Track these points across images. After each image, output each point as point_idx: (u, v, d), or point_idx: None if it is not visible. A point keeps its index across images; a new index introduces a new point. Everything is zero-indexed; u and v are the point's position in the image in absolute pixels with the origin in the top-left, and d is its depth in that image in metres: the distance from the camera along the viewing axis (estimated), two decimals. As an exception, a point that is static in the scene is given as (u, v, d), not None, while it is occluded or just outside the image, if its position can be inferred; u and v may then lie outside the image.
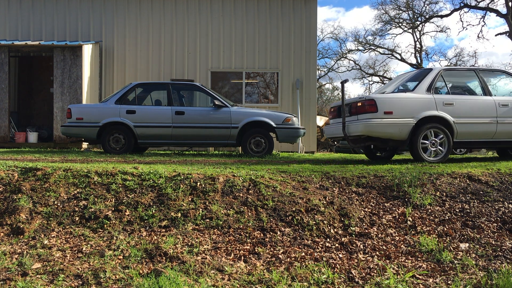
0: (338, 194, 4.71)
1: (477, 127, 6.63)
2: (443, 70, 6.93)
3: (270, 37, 12.55)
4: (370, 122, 6.39)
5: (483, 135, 6.70)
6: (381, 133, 6.46)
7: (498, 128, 6.66)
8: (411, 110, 6.43)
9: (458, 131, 6.53)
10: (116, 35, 12.45)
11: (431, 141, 6.47)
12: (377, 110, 6.37)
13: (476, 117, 6.61)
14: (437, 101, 6.52)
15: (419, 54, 30.55)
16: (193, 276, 3.23)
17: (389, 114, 6.38)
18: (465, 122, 6.56)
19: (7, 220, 4.03)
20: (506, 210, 4.56)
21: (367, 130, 6.43)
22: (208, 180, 4.67)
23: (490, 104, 6.70)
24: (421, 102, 6.49)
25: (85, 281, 3.10)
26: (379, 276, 3.38)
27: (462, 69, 7.57)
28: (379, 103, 6.39)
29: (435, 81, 6.70)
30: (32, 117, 12.75)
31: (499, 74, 7.50)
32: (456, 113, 6.53)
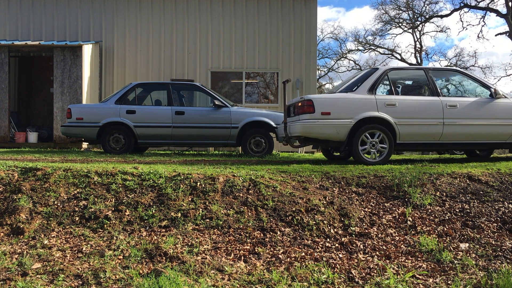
0: (338, 194, 4.71)
1: (421, 129, 6.42)
2: (389, 69, 6.76)
3: (270, 37, 12.55)
4: (307, 123, 6.32)
5: (429, 136, 6.49)
6: (318, 134, 6.37)
7: (444, 129, 6.46)
8: (349, 110, 6.31)
9: (400, 132, 6.36)
10: (116, 35, 12.45)
11: (371, 142, 6.32)
12: (315, 110, 6.27)
13: (420, 118, 6.42)
14: (379, 102, 6.36)
15: (419, 54, 30.56)
16: (193, 276, 3.23)
17: (326, 114, 6.28)
18: (408, 123, 6.38)
19: (7, 220, 4.03)
20: (506, 210, 4.56)
21: (304, 131, 6.37)
22: (208, 180, 4.68)
23: (436, 105, 6.48)
24: (360, 103, 6.35)
25: (85, 281, 3.10)
26: (379, 276, 3.38)
27: (411, 69, 7.42)
28: (317, 103, 6.30)
29: (379, 81, 6.56)
30: (32, 117, 12.76)
31: (454, 74, 7.36)
32: (398, 114, 6.36)
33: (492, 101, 6.61)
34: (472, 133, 6.55)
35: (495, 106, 6.58)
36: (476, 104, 6.58)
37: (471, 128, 6.53)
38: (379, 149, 6.35)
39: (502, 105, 6.60)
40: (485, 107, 6.57)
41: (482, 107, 6.57)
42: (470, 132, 6.54)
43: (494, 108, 6.57)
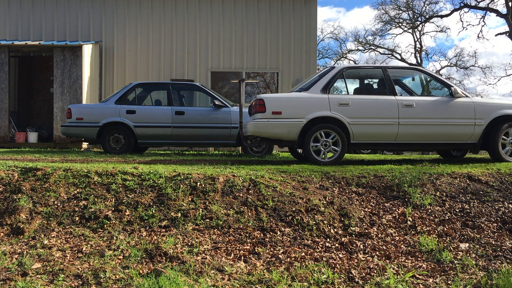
0: (338, 194, 4.71)
1: (375, 129, 6.29)
2: (345, 68, 6.66)
3: (270, 37, 12.55)
4: (258, 122, 6.30)
5: (384, 136, 6.35)
6: (269, 133, 6.33)
7: (400, 129, 6.30)
8: (301, 110, 6.24)
9: (354, 132, 6.25)
10: (116, 35, 12.45)
11: (323, 142, 6.23)
12: (265, 110, 6.25)
13: (375, 118, 6.29)
14: (331, 101, 6.27)
15: (419, 54, 30.56)
16: (193, 276, 3.23)
17: (277, 114, 6.23)
18: (362, 123, 6.26)
19: (7, 220, 4.03)
20: (506, 210, 4.56)
21: (255, 130, 6.35)
22: (208, 180, 4.68)
23: (391, 105, 6.32)
24: (312, 102, 6.28)
25: (85, 281, 3.10)
26: (379, 276, 3.38)
27: (368, 68, 7.27)
28: (267, 103, 6.26)
29: (333, 80, 6.47)
30: (32, 117, 12.76)
31: (414, 73, 7.18)
32: (352, 114, 6.24)
33: (451, 100, 6.44)
34: (429, 133, 6.40)
35: (454, 106, 6.41)
36: (433, 104, 6.43)
37: (428, 128, 6.37)
38: (331, 149, 6.27)
39: (461, 105, 6.42)
40: (443, 107, 6.41)
41: (440, 107, 6.41)
42: (427, 132, 6.39)
43: (453, 108, 6.41)
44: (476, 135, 6.42)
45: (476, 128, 6.38)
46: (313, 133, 6.21)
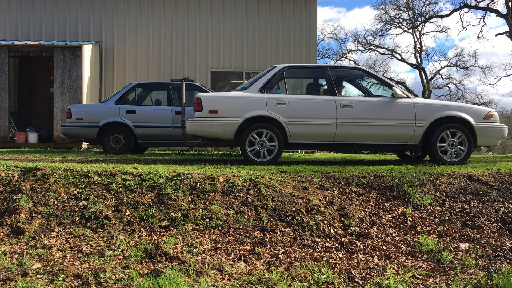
0: (338, 194, 4.71)
1: (313, 129, 6.24)
2: (286, 68, 6.60)
3: (270, 37, 12.55)
4: (195, 121, 6.33)
5: (322, 137, 6.30)
6: (206, 132, 6.35)
7: (338, 130, 6.23)
8: (237, 109, 6.24)
9: (291, 132, 6.21)
10: (116, 35, 12.45)
11: (259, 142, 6.21)
12: (202, 109, 6.27)
13: (312, 118, 6.23)
14: (269, 101, 6.24)
15: (419, 54, 30.56)
16: (193, 276, 3.23)
17: (214, 113, 6.25)
18: (299, 123, 6.22)
19: (7, 220, 4.03)
20: (506, 210, 4.56)
21: (192, 129, 6.37)
22: (208, 180, 4.68)
23: (329, 105, 6.25)
24: (249, 102, 6.27)
25: (85, 281, 3.10)
26: (379, 276, 3.38)
27: (309, 67, 7.14)
28: (204, 101, 6.28)
29: (273, 79, 6.44)
30: (32, 117, 12.75)
31: (356, 72, 7.08)
32: (289, 113, 6.21)
33: (391, 101, 6.35)
34: (368, 134, 6.31)
35: (394, 106, 6.31)
36: (373, 104, 6.35)
37: (367, 129, 6.29)
38: (268, 149, 6.24)
39: (401, 105, 6.32)
40: (383, 107, 6.31)
41: (380, 107, 6.32)
42: (366, 132, 6.31)
43: (393, 109, 6.31)
44: (416, 136, 6.31)
45: (416, 129, 6.29)
46: (249, 133, 6.20)
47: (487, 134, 6.38)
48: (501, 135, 6.46)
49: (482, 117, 6.40)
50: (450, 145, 6.33)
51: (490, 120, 6.43)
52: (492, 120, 6.45)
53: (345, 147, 6.52)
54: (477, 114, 6.41)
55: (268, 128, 6.20)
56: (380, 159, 8.16)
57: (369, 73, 6.85)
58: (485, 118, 6.41)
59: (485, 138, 6.39)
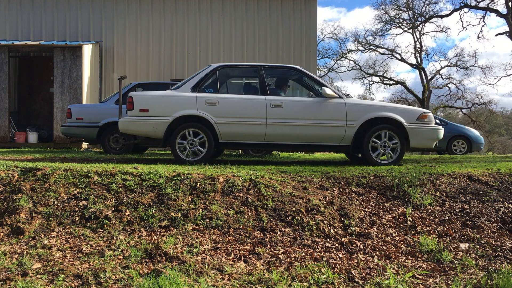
0: (338, 194, 4.71)
1: (243, 128, 6.21)
2: (219, 67, 6.57)
3: (270, 37, 12.55)
4: (126, 120, 6.37)
5: (252, 136, 6.25)
6: (136, 131, 6.40)
7: (268, 130, 6.18)
8: (167, 108, 6.26)
9: (221, 131, 6.19)
10: (116, 35, 12.45)
11: (189, 141, 6.20)
12: (133, 107, 6.30)
13: (242, 117, 6.21)
14: (199, 100, 6.24)
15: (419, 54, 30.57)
16: (193, 276, 3.23)
17: (144, 112, 6.28)
18: (229, 123, 6.20)
19: (7, 220, 4.03)
20: (506, 210, 4.56)
21: (123, 127, 6.41)
22: (208, 180, 4.68)
23: (260, 104, 6.20)
24: (179, 101, 6.28)
25: (85, 281, 3.10)
26: (379, 276, 3.38)
27: (243, 66, 7.05)
28: (135, 100, 6.32)
29: (205, 79, 6.45)
30: (32, 117, 12.75)
31: (290, 72, 6.97)
32: (219, 113, 6.20)
33: (323, 101, 6.27)
34: (299, 134, 6.25)
35: (325, 107, 6.24)
36: (304, 104, 6.28)
37: (297, 129, 6.22)
38: (198, 148, 6.23)
39: (333, 106, 6.24)
40: (314, 107, 6.26)
41: (311, 107, 6.26)
42: (297, 133, 6.24)
43: (324, 109, 6.24)
44: (347, 137, 6.23)
45: (347, 130, 6.21)
46: (179, 132, 6.21)
47: (420, 136, 6.24)
48: (435, 136, 6.31)
49: (415, 118, 6.26)
50: (382, 146, 6.24)
51: (424, 121, 6.29)
52: (426, 121, 6.31)
53: (276, 147, 6.47)
54: (410, 115, 6.28)
55: (198, 128, 6.21)
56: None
57: (303, 72, 6.72)
58: (418, 119, 6.27)
59: (418, 139, 6.24)
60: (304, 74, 6.71)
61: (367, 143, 6.21)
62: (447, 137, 12.09)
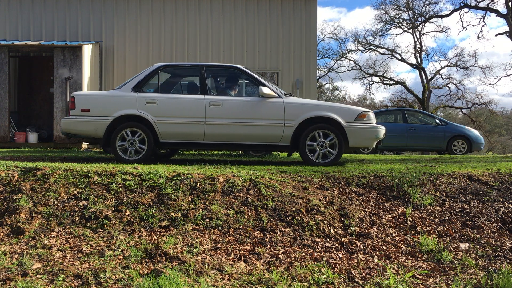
0: (338, 194, 4.71)
1: (182, 128, 6.24)
2: (162, 66, 6.61)
3: (270, 37, 12.54)
4: (67, 119, 6.45)
5: (191, 136, 6.28)
6: (77, 130, 6.46)
7: (207, 129, 6.21)
8: (107, 108, 6.31)
9: (161, 131, 6.22)
10: (116, 35, 12.45)
11: (129, 141, 6.21)
12: (75, 107, 6.37)
13: (181, 117, 6.24)
14: (139, 100, 6.27)
15: (419, 54, 30.56)
16: (193, 276, 3.23)
17: (85, 111, 6.35)
18: (168, 122, 6.22)
19: (7, 220, 4.03)
20: (506, 210, 4.56)
21: (65, 127, 6.47)
22: (208, 180, 4.68)
23: (199, 104, 6.23)
24: (120, 100, 6.33)
25: (85, 281, 3.10)
26: (379, 276, 3.38)
27: (185, 66, 7.12)
28: (77, 100, 6.40)
29: (147, 78, 6.47)
30: (32, 117, 12.74)
31: (233, 71, 6.91)
32: (158, 113, 6.23)
33: (262, 100, 6.24)
34: (238, 134, 6.24)
35: (264, 106, 6.22)
36: (242, 104, 6.31)
37: (236, 129, 6.22)
38: (137, 148, 6.24)
39: (271, 105, 6.21)
40: (252, 107, 6.24)
41: (249, 107, 6.25)
42: (235, 132, 6.24)
43: (262, 108, 6.22)
44: (286, 136, 6.20)
45: (286, 129, 6.18)
46: (119, 132, 6.25)
47: (359, 135, 6.17)
48: (374, 136, 6.23)
49: (354, 118, 6.19)
50: (319, 146, 6.18)
51: (363, 120, 6.22)
52: (366, 120, 6.24)
53: (216, 147, 6.50)
54: (349, 115, 6.21)
55: (139, 127, 6.25)
56: (380, 159, 8.16)
57: (244, 72, 6.67)
58: (357, 118, 6.20)
59: (357, 139, 6.17)
60: (245, 73, 6.67)
61: (304, 143, 6.17)
62: (447, 137, 12.09)
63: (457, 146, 12.10)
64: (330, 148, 6.18)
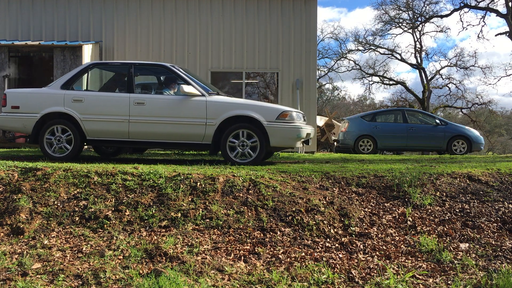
0: (338, 194, 4.71)
1: (107, 126, 6.30)
2: (91, 65, 6.71)
3: (270, 37, 12.54)
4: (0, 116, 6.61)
5: (116, 134, 6.33)
6: (8, 127, 6.70)
7: (131, 127, 6.27)
8: (36, 105, 6.42)
9: (87, 128, 6.31)
10: (116, 35, 12.45)
11: (56, 137, 6.34)
12: (6, 104, 6.52)
13: (106, 114, 6.31)
14: (66, 97, 6.37)
15: (419, 54, 30.56)
16: (193, 276, 3.23)
17: (16, 108, 6.49)
18: (93, 120, 6.31)
19: (7, 220, 4.03)
20: (506, 210, 4.56)
21: None
22: (208, 180, 4.67)
23: (123, 102, 6.29)
24: (47, 98, 6.45)
25: (85, 281, 3.10)
26: (379, 276, 3.38)
27: (114, 64, 7.24)
28: (8, 97, 6.56)
29: (77, 76, 6.56)
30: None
31: (161, 70, 6.94)
32: (84, 110, 6.32)
33: (185, 99, 6.28)
34: (161, 132, 6.29)
35: (187, 105, 6.26)
36: (166, 102, 6.35)
37: (159, 127, 6.27)
38: (64, 145, 6.34)
39: (194, 104, 6.25)
40: (175, 106, 6.29)
41: (173, 105, 6.30)
42: (158, 131, 6.28)
43: (185, 107, 6.26)
44: (208, 135, 6.23)
45: (208, 128, 6.21)
46: (47, 129, 6.35)
47: (280, 135, 6.17)
48: (296, 135, 6.22)
49: (275, 117, 6.20)
50: (240, 145, 6.20)
51: (285, 120, 6.22)
52: (287, 120, 6.23)
53: (141, 144, 6.54)
54: (270, 114, 6.21)
55: (65, 125, 6.34)
56: (380, 159, 8.17)
57: (170, 70, 6.68)
58: (278, 118, 6.20)
59: (278, 138, 6.17)
60: (172, 71, 6.68)
61: (224, 142, 6.19)
62: (447, 137, 12.09)
63: (457, 146, 12.10)
64: (252, 147, 6.22)
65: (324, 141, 16.16)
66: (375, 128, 12.44)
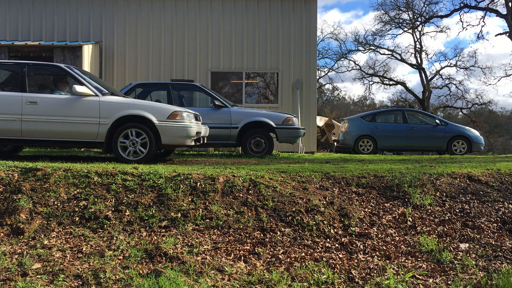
0: (338, 194, 4.71)
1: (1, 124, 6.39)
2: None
3: (270, 37, 12.55)
4: None
5: (9, 132, 6.43)
6: None
7: (23, 126, 6.38)
8: None
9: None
10: (116, 35, 12.45)
11: None
12: None
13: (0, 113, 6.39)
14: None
15: (419, 54, 30.57)
16: (193, 276, 3.23)
17: None
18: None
19: (7, 220, 4.03)
20: (506, 210, 4.56)
21: None
22: (208, 180, 4.67)
23: (15, 101, 6.40)
24: None
25: (85, 281, 3.10)
26: (379, 276, 3.37)
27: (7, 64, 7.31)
28: None
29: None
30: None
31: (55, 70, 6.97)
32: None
33: (77, 98, 6.41)
34: (54, 131, 6.42)
35: (79, 104, 6.39)
36: (59, 102, 6.45)
37: (52, 126, 6.40)
38: None
39: (87, 103, 6.40)
40: (68, 105, 6.42)
41: (66, 105, 6.42)
42: (51, 129, 6.42)
43: (78, 106, 6.39)
44: (101, 134, 6.40)
45: (101, 127, 6.38)
46: None
47: (171, 133, 6.44)
48: (185, 134, 6.49)
49: (166, 117, 6.47)
50: (131, 144, 6.39)
51: (176, 119, 6.49)
52: (178, 119, 6.51)
53: (34, 143, 6.65)
54: (161, 113, 6.47)
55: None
56: (380, 159, 8.17)
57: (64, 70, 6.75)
58: (169, 117, 6.47)
59: (169, 137, 6.44)
60: (65, 71, 6.75)
61: (116, 141, 6.38)
62: (447, 137, 12.09)
63: (457, 146, 12.10)
64: (142, 146, 6.42)
65: (324, 141, 16.17)
66: (375, 128, 12.44)
